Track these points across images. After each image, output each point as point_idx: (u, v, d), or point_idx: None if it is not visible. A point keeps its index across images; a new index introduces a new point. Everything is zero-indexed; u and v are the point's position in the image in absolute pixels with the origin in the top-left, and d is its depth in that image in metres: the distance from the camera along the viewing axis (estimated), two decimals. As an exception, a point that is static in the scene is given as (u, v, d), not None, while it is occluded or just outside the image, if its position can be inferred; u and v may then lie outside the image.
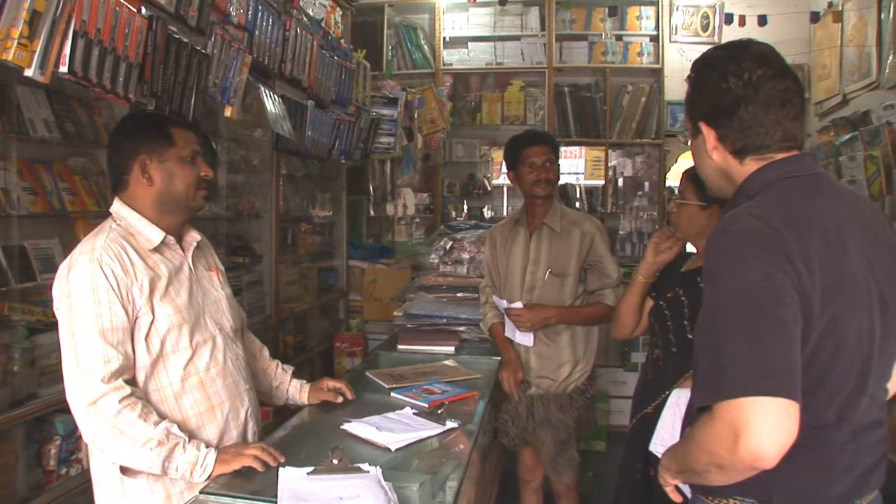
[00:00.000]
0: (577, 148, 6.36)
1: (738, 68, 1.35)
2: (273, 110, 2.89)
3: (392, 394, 2.69)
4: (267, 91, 2.95)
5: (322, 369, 4.80)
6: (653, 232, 5.87)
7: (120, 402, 1.73)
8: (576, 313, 3.02)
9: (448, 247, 4.02)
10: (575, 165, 6.65)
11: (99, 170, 2.93)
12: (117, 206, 1.93)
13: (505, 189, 6.33)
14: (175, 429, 1.80)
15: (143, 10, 2.14)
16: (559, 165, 3.13)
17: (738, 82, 1.35)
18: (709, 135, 1.41)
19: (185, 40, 2.38)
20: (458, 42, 6.10)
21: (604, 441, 5.08)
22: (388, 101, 4.52)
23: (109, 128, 2.88)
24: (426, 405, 2.53)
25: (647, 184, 6.11)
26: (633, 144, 6.10)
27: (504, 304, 3.07)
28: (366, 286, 5.19)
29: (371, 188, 5.00)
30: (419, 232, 6.20)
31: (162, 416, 1.81)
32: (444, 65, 6.09)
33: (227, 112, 2.74)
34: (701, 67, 1.43)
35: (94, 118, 2.86)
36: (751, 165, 1.40)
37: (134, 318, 1.81)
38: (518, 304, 3.00)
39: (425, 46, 6.11)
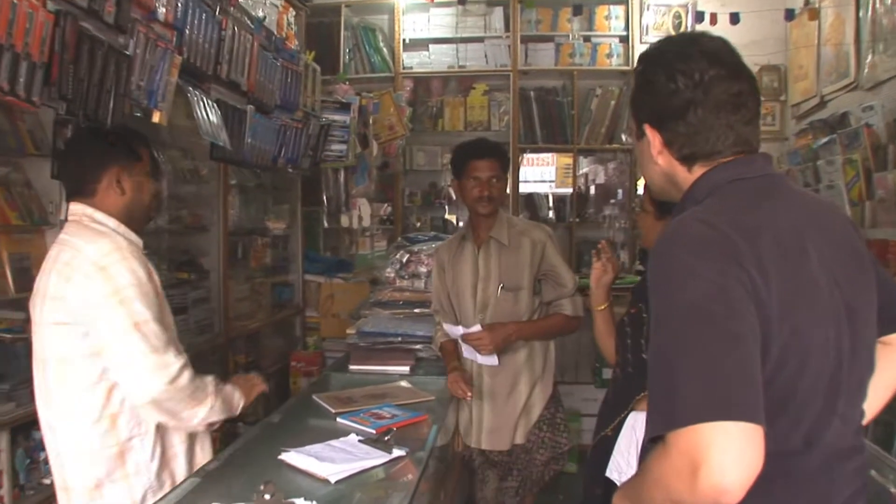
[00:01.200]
0: (548, 155, 6.36)
1: (687, 67, 1.31)
2: (204, 116, 2.79)
3: (338, 419, 2.67)
4: (198, 95, 2.85)
5: (277, 390, 4.75)
6: (626, 241, 6.01)
7: (188, 371, 2.04)
8: (534, 327, 2.99)
9: (405, 260, 4.02)
10: (545, 173, 6.61)
11: (23, 180, 2.83)
12: (89, 211, 2.10)
13: None
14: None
15: (49, 5, 2.02)
16: (506, 181, 3.09)
17: (688, 83, 1.31)
18: (654, 138, 1.37)
19: (102, 38, 2.27)
20: (419, 44, 6.06)
21: (574, 462, 4.99)
22: (340, 107, 4.46)
23: (35, 135, 2.80)
24: (373, 431, 2.49)
25: (620, 191, 6.10)
26: (604, 150, 6.09)
27: (459, 330, 3.02)
28: (323, 302, 5.16)
29: (325, 199, 4.93)
30: (380, 244, 6.13)
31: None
32: (403, 68, 6.04)
33: (156, 118, 2.65)
34: (647, 65, 1.39)
35: (17, 124, 2.75)
36: (699, 172, 1.36)
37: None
38: (476, 328, 2.95)
39: (384, 49, 6.08)
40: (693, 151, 1.34)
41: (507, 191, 5.43)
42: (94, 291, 1.96)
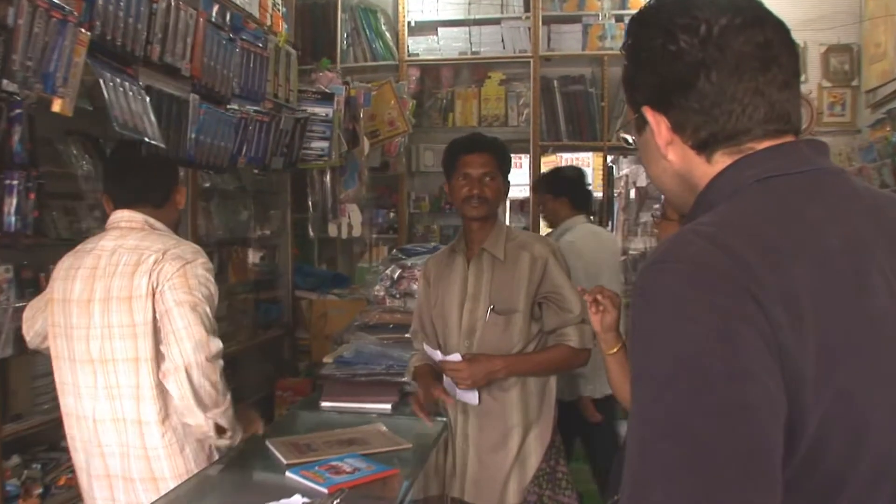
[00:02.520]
0: (587, 155, 6.29)
1: (690, 19, 1.15)
2: (122, 104, 2.47)
3: (287, 472, 2.45)
4: (118, 80, 2.53)
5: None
6: None
7: (222, 361, 2.41)
8: (528, 361, 2.85)
9: (396, 276, 3.87)
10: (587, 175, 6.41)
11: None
12: (151, 220, 2.48)
13: None
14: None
15: None
16: (505, 183, 2.94)
17: (693, 40, 1.14)
18: (659, 125, 1.19)
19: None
20: (426, 28, 6.00)
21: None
22: (322, 98, 4.18)
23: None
24: (325, 490, 2.29)
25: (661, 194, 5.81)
26: (636, 148, 5.74)
27: (438, 355, 2.85)
28: (315, 321, 5.06)
29: (310, 204, 4.69)
30: (383, 254, 5.95)
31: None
32: (409, 55, 5.98)
33: (56, 106, 2.30)
34: (637, 28, 1.22)
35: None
36: (722, 163, 1.16)
37: None
38: (454, 357, 2.77)
39: (387, 33, 5.99)
40: (712, 132, 1.15)
41: (526, 196, 5.40)
42: (173, 279, 2.32)
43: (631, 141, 1.31)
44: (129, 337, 2.33)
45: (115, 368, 2.36)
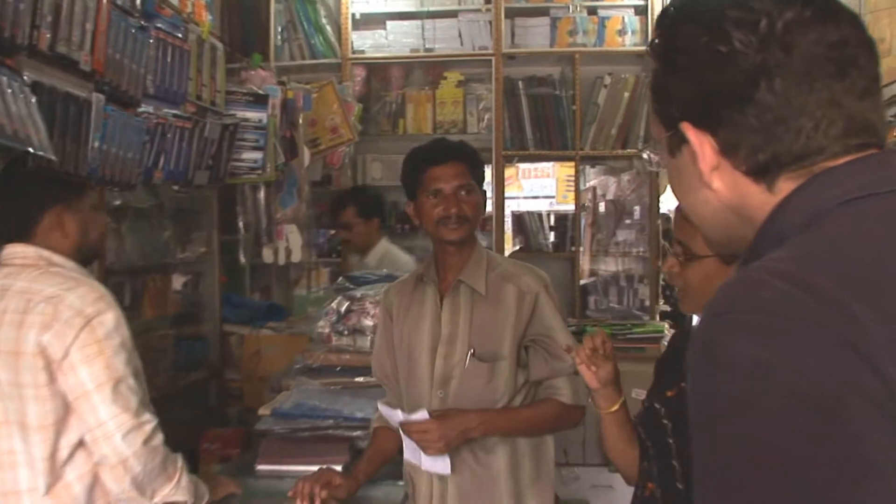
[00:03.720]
0: (547, 165, 6.29)
1: (747, 12, 1.09)
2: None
3: None
4: None
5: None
6: (645, 275, 5.88)
7: (161, 434, 2.35)
8: (510, 418, 2.77)
9: (344, 309, 3.75)
10: (543, 187, 6.61)
11: None
12: (46, 253, 2.40)
13: None
14: None
15: None
16: (483, 195, 2.86)
17: (751, 38, 1.08)
18: (702, 146, 1.14)
19: None
20: (373, 21, 5.90)
21: None
22: (255, 100, 3.99)
23: None
24: None
25: (637, 209, 6.00)
26: (616, 157, 5.92)
27: (399, 416, 2.69)
28: (247, 360, 4.88)
29: (241, 225, 4.49)
30: (324, 280, 6.00)
31: None
32: (353, 52, 5.81)
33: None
34: (672, 23, 1.17)
35: None
36: (786, 189, 1.11)
37: None
38: (421, 414, 2.63)
39: (328, 27, 5.85)
40: (775, 154, 1.10)
41: (489, 209, 5.33)
42: (77, 342, 2.24)
43: (654, 162, 1.24)
44: (16, 398, 2.29)
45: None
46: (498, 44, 5.71)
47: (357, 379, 3.61)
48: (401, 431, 2.72)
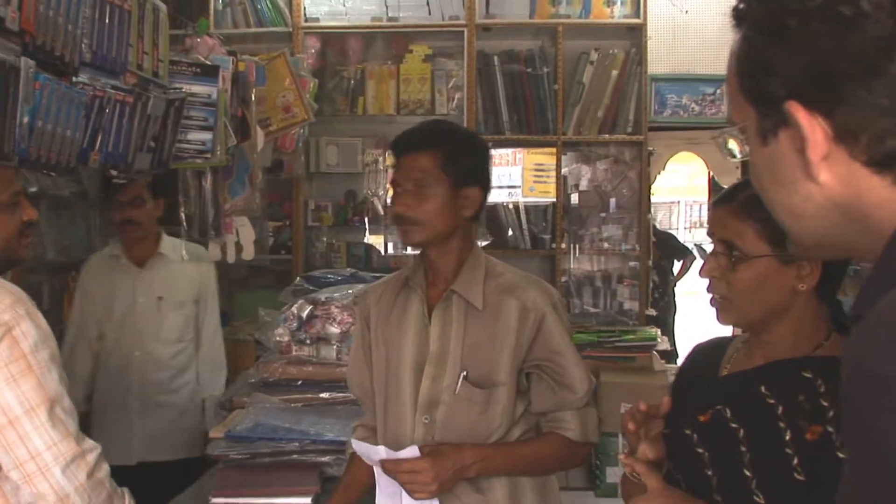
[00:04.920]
0: (508, 151, 6.23)
1: None
2: None
3: None
4: None
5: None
6: (630, 275, 5.94)
7: (106, 464, 2.27)
8: (513, 456, 2.72)
9: (306, 314, 3.72)
10: (509, 176, 6.47)
11: None
12: None
13: None
14: None
15: None
16: (473, 189, 2.79)
17: (882, 0, 1.03)
18: (812, 130, 1.09)
19: None
20: None
21: None
22: (202, 72, 3.84)
23: None
24: None
25: (612, 201, 6.06)
26: (602, 143, 5.96)
27: (380, 453, 2.62)
28: None
29: (182, 217, 4.31)
30: (271, 279, 5.98)
31: None
32: (306, 20, 5.79)
33: None
34: None
35: None
36: None
37: None
38: (410, 451, 2.56)
39: None
40: None
41: None
42: (11, 368, 2.10)
43: (738, 153, 1.21)
44: None
45: None
46: (471, 13, 5.69)
47: (322, 395, 3.60)
48: (377, 470, 2.67)
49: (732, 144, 1.21)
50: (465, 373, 2.68)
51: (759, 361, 2.07)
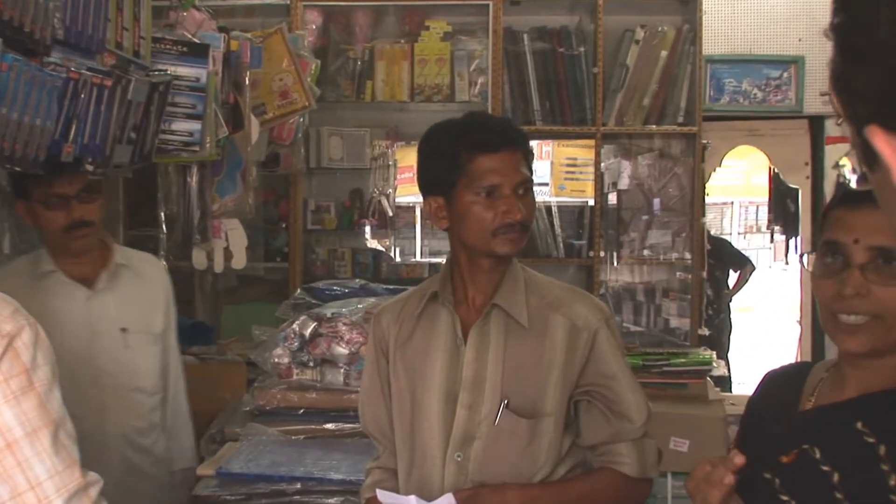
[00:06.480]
0: (534, 142, 6.30)
1: None
2: None
3: None
4: None
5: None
6: (679, 288, 5.96)
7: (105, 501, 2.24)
8: (562, 496, 2.75)
9: (308, 332, 3.75)
10: (535, 171, 6.51)
11: None
12: None
13: (419, 217, 6.33)
14: None
15: None
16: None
17: None
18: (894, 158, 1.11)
19: None
20: None
21: None
22: (190, 52, 3.86)
23: None
24: None
25: (657, 202, 6.07)
26: (648, 135, 5.97)
27: (410, 502, 2.64)
28: None
29: (162, 218, 4.36)
30: (264, 290, 6.08)
31: None
32: None
33: None
34: None
35: None
36: None
37: None
38: (446, 500, 2.58)
39: None
40: None
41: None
42: (12, 384, 2.10)
43: (858, 175, 1.16)
44: None
45: None
46: (497, -15, 5.66)
47: (328, 426, 3.62)
48: None
49: (845, 162, 1.21)
50: (506, 401, 2.68)
51: (852, 393, 2.06)
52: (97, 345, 3.49)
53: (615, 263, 6.07)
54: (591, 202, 5.92)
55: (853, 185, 5.62)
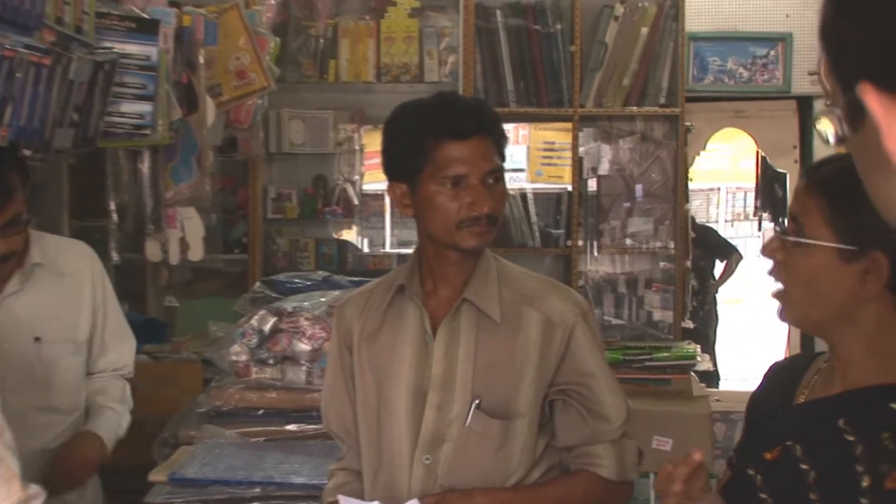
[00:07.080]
0: (510, 126, 6.32)
1: None
2: None
3: None
4: None
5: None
6: (662, 279, 6.05)
7: None
8: (536, 501, 2.78)
9: (268, 328, 3.80)
10: (510, 157, 6.55)
11: None
12: None
13: (388, 205, 6.39)
14: None
15: None
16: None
17: None
18: (888, 116, 1.10)
19: None
20: None
21: None
22: (139, 28, 3.85)
23: None
24: None
25: (638, 187, 6.12)
26: (629, 117, 6.02)
27: None
28: None
29: (112, 207, 4.33)
30: (221, 284, 6.17)
31: None
32: None
33: None
34: None
35: None
36: None
37: None
38: None
39: None
40: None
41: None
42: None
43: (831, 138, 1.14)
44: None
45: None
46: (467, -43, 5.65)
47: (289, 427, 3.66)
48: None
49: (826, 124, 1.22)
50: (477, 401, 2.68)
51: (839, 388, 2.08)
52: (3, 358, 3.18)
53: (595, 253, 6.09)
54: (570, 188, 5.97)
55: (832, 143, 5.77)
